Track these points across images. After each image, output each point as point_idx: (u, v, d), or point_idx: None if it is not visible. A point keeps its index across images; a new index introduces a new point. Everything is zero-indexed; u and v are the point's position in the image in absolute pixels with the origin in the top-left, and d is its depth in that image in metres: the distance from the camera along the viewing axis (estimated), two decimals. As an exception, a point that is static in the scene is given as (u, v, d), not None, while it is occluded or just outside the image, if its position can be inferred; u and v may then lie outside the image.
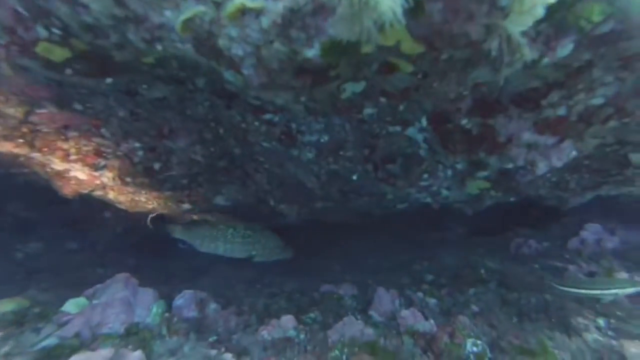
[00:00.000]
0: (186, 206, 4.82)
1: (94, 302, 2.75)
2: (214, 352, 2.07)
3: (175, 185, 4.07)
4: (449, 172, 2.29)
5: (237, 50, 1.39)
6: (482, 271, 4.67)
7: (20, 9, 1.42)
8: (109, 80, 1.93)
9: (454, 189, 2.78)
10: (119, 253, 6.21)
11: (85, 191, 4.27)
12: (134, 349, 1.91)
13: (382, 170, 2.58)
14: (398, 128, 2.23)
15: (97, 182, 4.11)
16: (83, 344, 2.09)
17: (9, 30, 1.49)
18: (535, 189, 2.61)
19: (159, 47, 1.51)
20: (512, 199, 4.03)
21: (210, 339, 2.34)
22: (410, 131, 2.16)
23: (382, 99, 1.85)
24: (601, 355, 2.36)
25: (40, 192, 4.78)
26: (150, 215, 4.57)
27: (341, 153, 2.82)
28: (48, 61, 1.65)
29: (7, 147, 3.28)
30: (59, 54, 1.62)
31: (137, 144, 3.22)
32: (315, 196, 4.32)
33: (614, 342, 2.57)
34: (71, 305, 2.54)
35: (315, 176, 3.55)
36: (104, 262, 5.68)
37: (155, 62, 1.77)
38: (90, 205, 5.86)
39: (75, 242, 6.43)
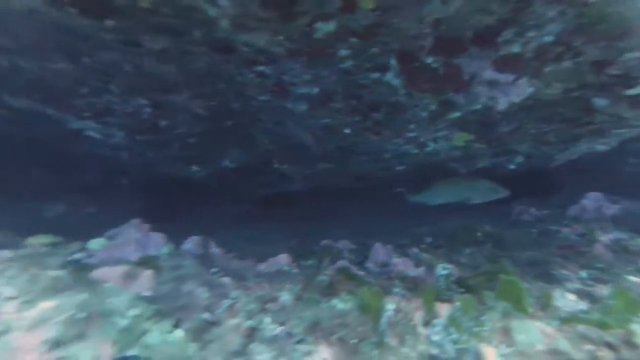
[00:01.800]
0: (195, 168, 5.06)
1: (112, 242, 3.05)
2: (214, 277, 2.31)
3: (182, 145, 4.30)
4: (424, 114, 2.41)
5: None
6: (479, 234, 4.77)
7: None
8: (109, 22, 2.11)
9: (440, 141, 2.90)
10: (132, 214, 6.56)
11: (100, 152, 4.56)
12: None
13: (369, 119, 2.72)
14: (377, 74, 2.35)
15: (110, 142, 4.38)
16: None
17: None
18: (517, 141, 2.70)
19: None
20: (510, 166, 4.10)
21: (212, 270, 2.57)
22: (389, 76, 2.29)
23: (353, 39, 1.98)
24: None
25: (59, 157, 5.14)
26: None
27: (331, 105, 2.96)
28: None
29: (24, 103, 3.55)
30: None
31: (143, 101, 3.43)
32: (315, 156, 4.48)
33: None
34: (94, 244, 2.84)
35: (311, 132, 3.70)
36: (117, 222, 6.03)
37: (151, 6, 1.93)
38: (106, 169, 6.20)
39: (93, 205, 6.80)
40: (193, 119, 3.70)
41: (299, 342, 1.73)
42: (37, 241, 2.81)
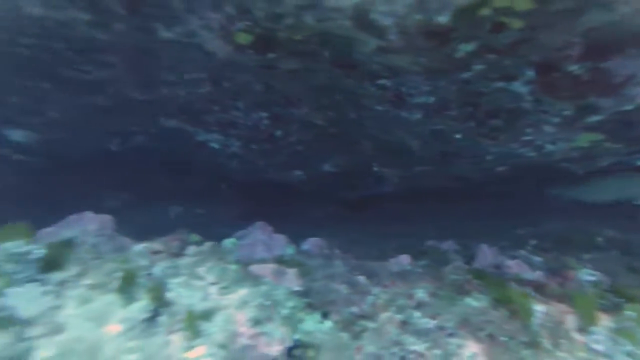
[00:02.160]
0: (298, 172, 5.45)
1: (242, 242, 3.47)
2: (351, 275, 2.54)
3: (291, 151, 4.67)
4: (556, 120, 2.40)
5: (386, 21, 1.76)
6: (600, 239, 4.41)
7: (230, 11, 1.98)
8: (271, 55, 2.46)
9: (560, 142, 2.85)
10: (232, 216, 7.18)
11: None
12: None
13: (485, 126, 2.77)
14: (502, 84, 2.41)
15: (227, 151, 4.92)
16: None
17: (222, 26, 2.11)
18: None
19: (325, 25, 1.94)
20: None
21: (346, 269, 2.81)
22: (515, 85, 2.33)
23: (490, 56, 2.07)
24: None
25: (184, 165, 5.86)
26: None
27: (446, 112, 3.06)
28: (237, 44, 2.23)
29: (173, 123, 4.19)
30: (244, 38, 2.19)
31: (264, 114, 3.83)
32: (416, 159, 4.58)
33: None
34: (227, 243, 3.26)
35: (418, 138, 3.82)
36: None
37: (302, 38, 2.22)
38: (216, 176, 6.88)
39: (202, 208, 7.57)
40: (305, 128, 4.03)
41: (451, 335, 1.88)
42: (193, 239, 3.29)
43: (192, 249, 2.43)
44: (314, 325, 2.17)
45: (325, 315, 2.28)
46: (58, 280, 2.13)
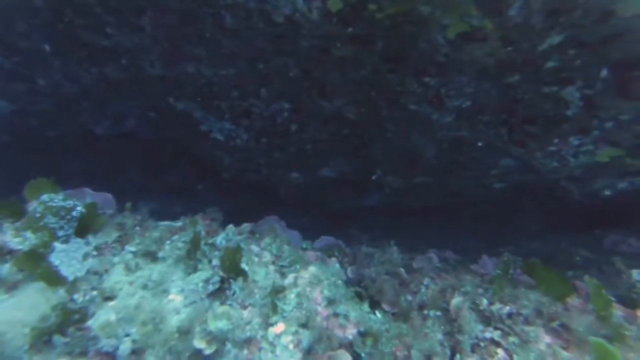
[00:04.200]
0: (295, 175, 5.32)
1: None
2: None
3: (298, 149, 4.57)
4: (610, 124, 2.53)
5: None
6: (577, 258, 4.71)
7: None
8: (349, 29, 2.40)
9: (582, 155, 3.03)
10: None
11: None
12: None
13: (518, 132, 2.89)
14: (554, 88, 2.54)
15: (231, 144, 4.70)
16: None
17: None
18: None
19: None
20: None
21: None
22: (568, 90, 2.47)
23: (572, 51, 2.18)
24: None
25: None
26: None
27: (479, 117, 3.16)
28: (327, 10, 2.16)
29: (182, 105, 3.94)
30: (336, 4, 2.12)
31: (286, 105, 3.73)
32: (422, 169, 4.66)
33: None
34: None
35: (436, 144, 3.90)
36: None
37: (384, 15, 2.19)
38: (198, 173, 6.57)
39: (179, 205, 7.14)
40: (324, 125, 3.97)
41: (525, 322, 1.86)
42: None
43: (232, 228, 2.25)
44: (363, 314, 2.07)
45: (375, 305, 2.20)
46: (99, 243, 1.86)
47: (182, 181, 7.29)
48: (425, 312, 2.02)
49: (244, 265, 1.77)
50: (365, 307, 2.16)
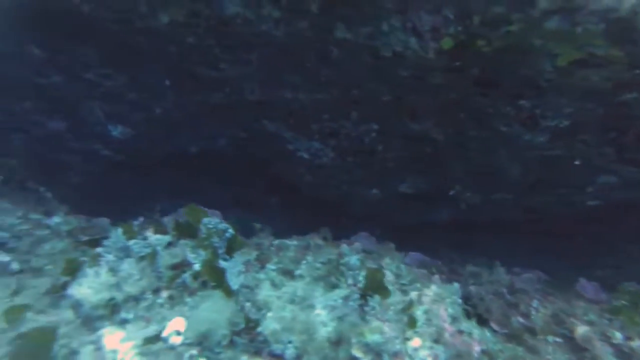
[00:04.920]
0: (375, 191, 5.48)
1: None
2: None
3: (381, 167, 4.73)
4: None
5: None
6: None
7: (449, 15, 2.11)
8: (457, 63, 2.58)
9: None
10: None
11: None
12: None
13: (628, 151, 2.83)
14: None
15: (316, 162, 4.99)
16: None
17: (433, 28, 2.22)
18: None
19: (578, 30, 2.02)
20: None
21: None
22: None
23: None
24: None
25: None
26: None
27: (578, 137, 3.12)
28: (439, 49, 2.34)
29: (274, 127, 4.29)
30: (448, 43, 2.31)
31: (375, 126, 3.93)
32: (504, 186, 4.61)
33: None
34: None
35: (524, 163, 3.87)
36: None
37: (492, 49, 2.32)
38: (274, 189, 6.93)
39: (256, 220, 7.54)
40: (409, 145, 4.11)
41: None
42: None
43: (346, 247, 2.47)
44: (484, 333, 2.15)
45: (482, 323, 2.27)
46: (244, 261, 2.16)
47: (256, 196, 7.73)
48: (541, 336, 2.06)
49: (387, 284, 1.97)
50: (473, 323, 2.25)
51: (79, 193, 5.18)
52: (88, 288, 1.93)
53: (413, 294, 1.97)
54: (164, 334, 1.79)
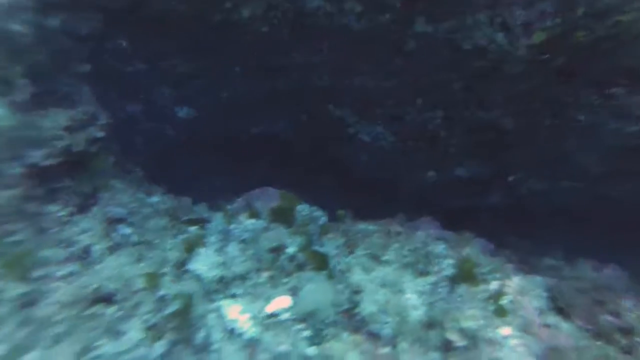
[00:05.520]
0: (431, 174, 5.48)
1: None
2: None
3: (441, 152, 4.73)
4: None
5: None
6: None
7: (547, 8, 2.08)
8: (545, 56, 2.54)
9: None
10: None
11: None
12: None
13: None
14: None
15: (376, 144, 5.05)
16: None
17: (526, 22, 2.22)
18: None
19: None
20: None
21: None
22: None
23: None
24: None
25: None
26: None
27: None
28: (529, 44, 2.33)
29: (340, 112, 4.39)
30: (539, 37, 2.29)
31: (440, 113, 3.91)
32: (574, 175, 4.47)
33: None
34: None
35: (602, 153, 3.73)
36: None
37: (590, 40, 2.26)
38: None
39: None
40: (473, 132, 4.06)
41: None
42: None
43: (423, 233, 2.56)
44: (573, 328, 2.17)
45: (566, 317, 2.29)
46: (335, 245, 2.33)
47: (306, 176, 7.88)
48: (638, 338, 2.02)
49: (476, 274, 2.08)
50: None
51: (156, 172, 5.57)
52: (203, 265, 2.20)
53: (494, 284, 2.05)
54: (272, 310, 2.02)
